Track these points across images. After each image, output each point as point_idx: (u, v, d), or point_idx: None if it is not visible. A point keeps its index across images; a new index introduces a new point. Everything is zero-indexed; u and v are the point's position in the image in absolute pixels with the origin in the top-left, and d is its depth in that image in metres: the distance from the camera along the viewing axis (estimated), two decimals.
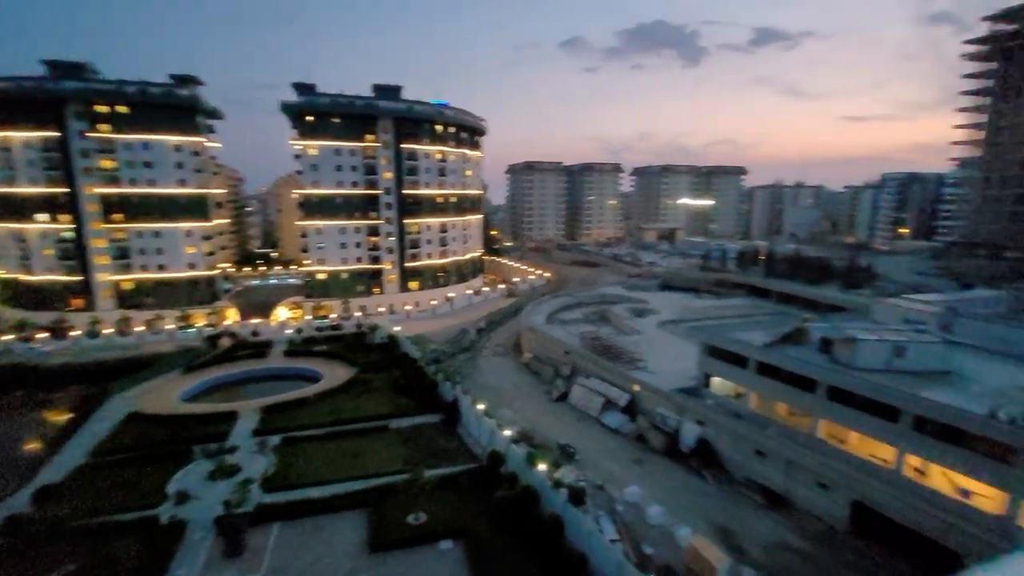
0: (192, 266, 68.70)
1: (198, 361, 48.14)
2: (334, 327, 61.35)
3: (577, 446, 34.40)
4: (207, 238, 70.05)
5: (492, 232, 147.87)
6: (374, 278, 75.03)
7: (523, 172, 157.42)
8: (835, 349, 30.40)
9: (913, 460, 25.15)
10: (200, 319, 66.11)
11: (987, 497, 22.52)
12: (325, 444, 32.13)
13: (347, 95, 70.96)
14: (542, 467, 29.38)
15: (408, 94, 74.71)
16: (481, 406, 37.63)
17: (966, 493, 23.30)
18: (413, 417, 36.40)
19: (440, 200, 78.94)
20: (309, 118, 68.68)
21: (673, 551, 24.33)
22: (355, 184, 71.66)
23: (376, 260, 74.52)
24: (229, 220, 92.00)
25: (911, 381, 26.45)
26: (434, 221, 78.34)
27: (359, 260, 73.80)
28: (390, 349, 50.29)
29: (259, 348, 52.19)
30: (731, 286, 73.98)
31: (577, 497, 27.31)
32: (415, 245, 76.80)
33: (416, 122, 73.86)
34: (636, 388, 38.62)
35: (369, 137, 71.13)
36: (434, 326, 64.17)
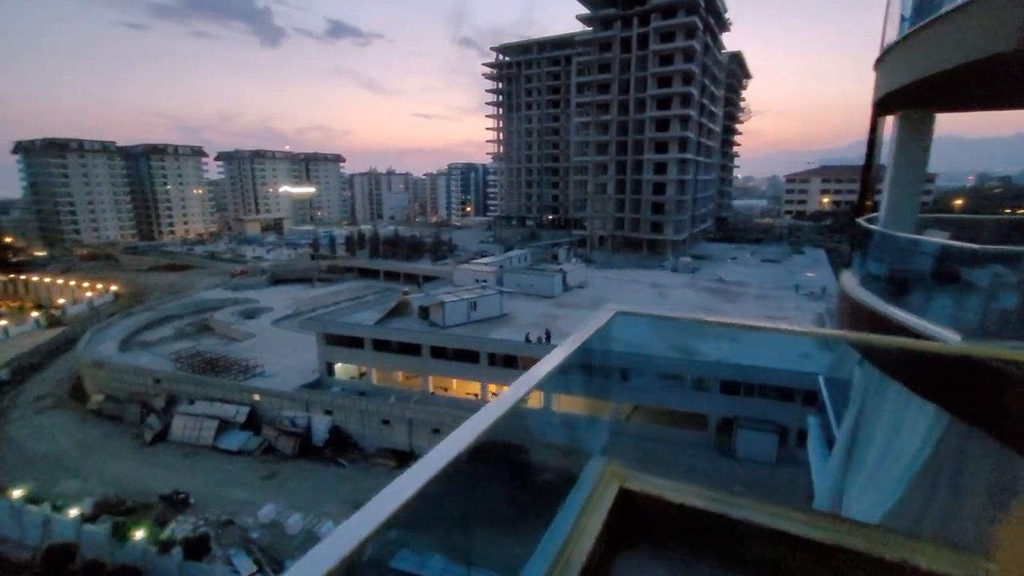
0: None
1: None
2: None
3: (190, 488, 28.65)
4: None
5: (6, 239, 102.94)
6: None
7: (47, 153, 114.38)
8: (431, 314, 35.68)
9: (492, 387, 32.67)
10: None
11: (534, 398, 31.57)
12: None
13: None
14: (140, 534, 23.31)
15: None
16: (19, 491, 26.52)
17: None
18: None
19: None
20: None
21: None
22: None
23: None
24: None
25: (483, 327, 33.97)
26: None
27: None
28: None
29: None
30: (342, 271, 76.34)
31: (198, 548, 23.10)
32: None
33: None
34: (256, 398, 35.09)
35: None
36: None
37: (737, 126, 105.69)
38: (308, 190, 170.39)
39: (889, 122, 5.90)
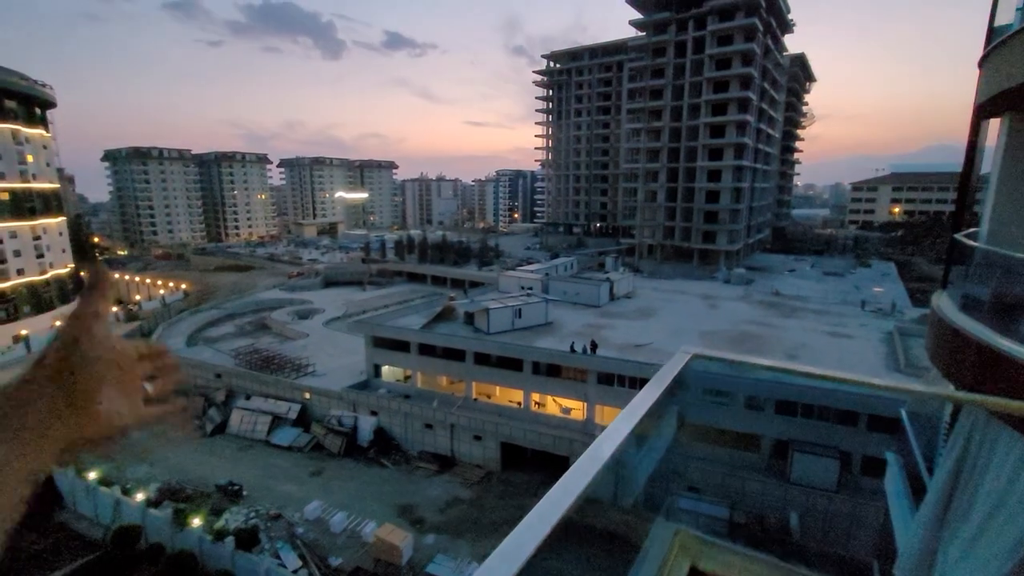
0: None
1: None
2: None
3: (244, 480, 29.91)
4: None
5: (94, 239, 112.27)
6: None
7: (132, 160, 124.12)
8: (476, 320, 35.80)
9: (535, 396, 32.29)
10: None
11: (577, 409, 30.99)
12: None
13: None
14: (197, 522, 24.41)
15: None
16: (94, 474, 28.44)
17: (567, 411, 31.48)
18: None
19: None
20: None
21: (362, 550, 24.16)
22: None
23: None
24: None
25: (528, 335, 33.71)
26: None
27: None
28: None
29: None
30: (391, 275, 78.25)
31: (248, 539, 23.94)
32: None
33: None
34: (307, 396, 36.30)
35: None
36: None
37: (798, 131, 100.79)
38: (362, 195, 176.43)
39: (993, 125, 5.21)
